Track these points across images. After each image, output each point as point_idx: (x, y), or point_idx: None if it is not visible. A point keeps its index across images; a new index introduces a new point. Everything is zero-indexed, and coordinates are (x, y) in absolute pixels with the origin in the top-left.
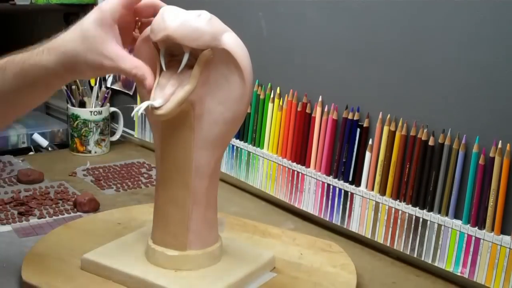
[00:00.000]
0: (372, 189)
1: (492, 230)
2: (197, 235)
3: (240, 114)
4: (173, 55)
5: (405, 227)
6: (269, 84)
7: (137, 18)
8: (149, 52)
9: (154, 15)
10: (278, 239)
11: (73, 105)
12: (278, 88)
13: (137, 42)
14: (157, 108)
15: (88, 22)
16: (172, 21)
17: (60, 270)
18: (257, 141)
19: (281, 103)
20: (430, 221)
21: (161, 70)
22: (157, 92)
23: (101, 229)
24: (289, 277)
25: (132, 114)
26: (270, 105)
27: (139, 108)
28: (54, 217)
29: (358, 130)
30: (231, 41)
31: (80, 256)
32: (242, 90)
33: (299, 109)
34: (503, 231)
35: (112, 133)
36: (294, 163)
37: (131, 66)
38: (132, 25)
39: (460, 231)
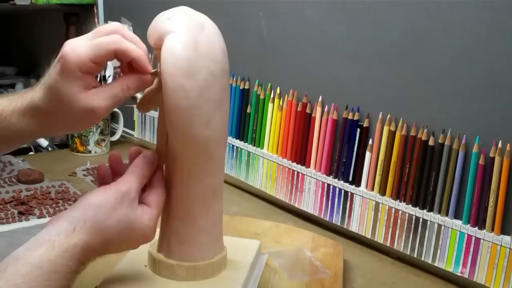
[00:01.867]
0: (372, 189)
1: (492, 230)
2: (197, 246)
3: (168, 124)
4: None
5: (405, 227)
6: (269, 84)
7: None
8: None
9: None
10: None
11: None
12: (278, 88)
13: None
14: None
15: (53, 78)
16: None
17: None
18: (257, 141)
19: (281, 103)
20: (430, 221)
21: None
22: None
23: None
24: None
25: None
26: (270, 105)
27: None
28: None
29: (358, 130)
30: (167, 42)
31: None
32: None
33: (299, 109)
34: (503, 231)
35: (112, 133)
36: (294, 163)
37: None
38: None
39: (460, 231)
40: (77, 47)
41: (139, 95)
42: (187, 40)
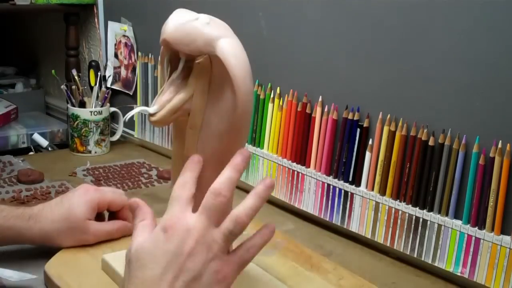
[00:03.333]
0: (372, 189)
1: (492, 230)
2: None
3: (234, 127)
4: (187, 61)
5: (405, 227)
6: (269, 84)
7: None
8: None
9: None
10: (324, 275)
11: (73, 105)
12: (278, 88)
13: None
14: (152, 115)
15: (75, 212)
16: (171, 25)
17: (85, 266)
18: (257, 141)
19: (281, 103)
20: (430, 221)
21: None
22: (156, 98)
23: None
24: None
25: (124, 118)
26: (270, 105)
27: (131, 113)
28: None
29: (358, 130)
30: (225, 47)
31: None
32: (234, 102)
33: (299, 109)
34: (503, 231)
35: (112, 133)
36: (294, 163)
37: (111, 233)
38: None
39: (460, 231)
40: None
41: (150, 109)
42: (239, 43)
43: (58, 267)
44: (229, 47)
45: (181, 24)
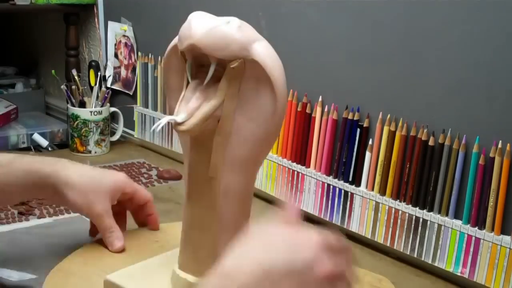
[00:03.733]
0: (372, 189)
1: (492, 230)
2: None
3: (272, 133)
4: (202, 66)
5: (405, 227)
6: None
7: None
8: (178, 63)
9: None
10: None
11: (73, 105)
12: None
13: (166, 52)
14: (180, 124)
15: (102, 182)
16: (199, 29)
17: None
18: None
19: None
20: (430, 221)
21: (188, 82)
22: (182, 106)
23: (135, 247)
24: None
25: (151, 129)
26: None
27: (159, 124)
28: (54, 217)
29: (358, 130)
30: (261, 51)
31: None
32: (273, 105)
33: (299, 109)
34: (503, 231)
35: (112, 133)
36: (294, 163)
37: (107, 227)
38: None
39: (460, 231)
40: None
41: (177, 118)
42: (271, 46)
43: None
44: (265, 51)
45: (212, 28)
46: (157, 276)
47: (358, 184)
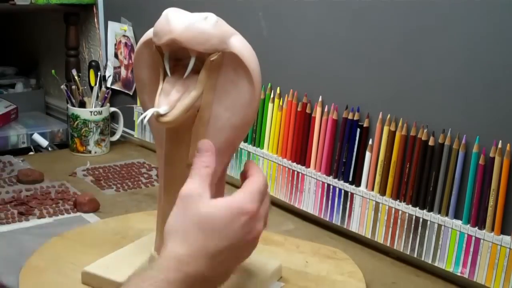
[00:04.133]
0: (372, 189)
1: (492, 230)
2: None
3: (248, 120)
4: (178, 59)
5: (405, 227)
6: (269, 84)
7: None
8: (150, 57)
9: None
10: (281, 246)
11: (73, 105)
12: (278, 88)
13: (137, 47)
14: (162, 115)
15: None
16: (178, 24)
17: (62, 285)
18: (257, 141)
19: (281, 103)
20: (430, 221)
21: (165, 75)
22: (162, 99)
23: (99, 240)
24: (297, 287)
25: (138, 122)
26: (270, 105)
27: (145, 116)
28: (54, 217)
29: (358, 130)
30: (239, 44)
31: (81, 269)
32: (251, 94)
33: (299, 109)
34: (503, 231)
35: (112, 133)
36: (294, 163)
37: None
38: None
39: (460, 231)
40: None
41: (160, 110)
42: (245, 40)
43: None
44: (242, 44)
45: (192, 23)
46: (134, 262)
47: (358, 184)
